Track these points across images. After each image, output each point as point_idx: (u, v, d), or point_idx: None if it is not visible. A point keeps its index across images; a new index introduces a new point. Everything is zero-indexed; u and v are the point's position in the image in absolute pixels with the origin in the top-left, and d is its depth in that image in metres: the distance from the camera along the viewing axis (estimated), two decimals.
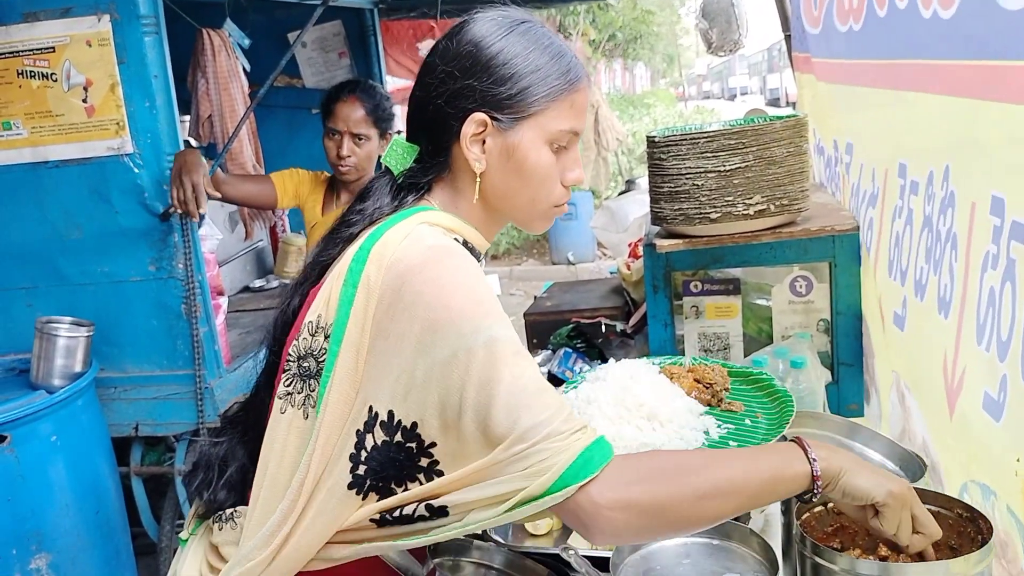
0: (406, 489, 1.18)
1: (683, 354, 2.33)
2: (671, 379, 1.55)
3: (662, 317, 2.34)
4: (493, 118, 1.25)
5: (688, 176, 2.07)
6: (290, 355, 1.25)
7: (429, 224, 1.25)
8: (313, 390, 1.21)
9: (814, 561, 1.16)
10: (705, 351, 2.32)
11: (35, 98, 2.82)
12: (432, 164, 1.31)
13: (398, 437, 1.16)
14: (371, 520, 1.19)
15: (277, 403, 1.25)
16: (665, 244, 2.17)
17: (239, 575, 1.21)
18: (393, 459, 1.17)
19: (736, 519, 1.43)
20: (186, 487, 1.40)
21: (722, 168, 2.04)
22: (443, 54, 1.28)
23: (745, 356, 2.25)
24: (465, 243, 1.30)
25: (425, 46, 5.40)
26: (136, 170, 2.79)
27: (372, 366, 1.17)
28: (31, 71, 2.80)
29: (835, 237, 2.14)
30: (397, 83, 5.82)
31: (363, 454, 1.18)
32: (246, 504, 1.28)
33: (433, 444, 1.15)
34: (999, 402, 1.32)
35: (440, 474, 1.16)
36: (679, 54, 30.39)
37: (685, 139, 2.07)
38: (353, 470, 1.18)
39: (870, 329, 2.15)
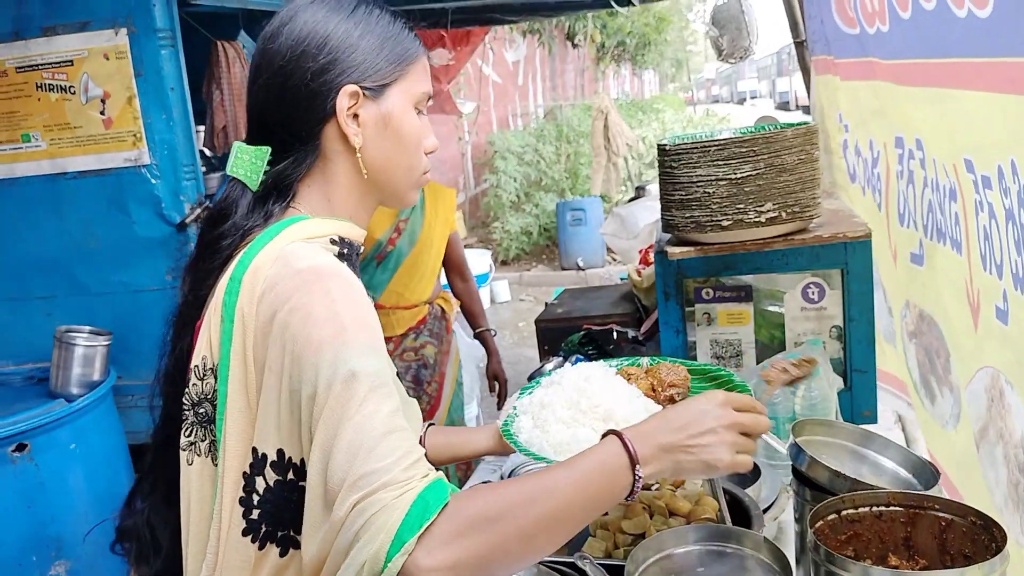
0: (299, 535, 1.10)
1: (696, 360, 2.34)
2: (628, 380, 1.53)
3: (674, 324, 2.35)
4: (363, 88, 1.22)
5: (699, 184, 2.09)
6: (184, 404, 1.19)
7: (302, 239, 1.18)
8: (215, 435, 1.15)
9: (828, 569, 1.18)
10: (717, 358, 2.34)
11: (54, 111, 2.86)
12: (303, 154, 1.23)
13: (290, 475, 1.11)
14: None
15: (183, 455, 1.19)
16: (676, 251, 2.19)
17: None
18: (287, 500, 1.11)
19: (747, 526, 1.45)
20: (125, 558, 1.33)
21: (733, 176, 2.06)
22: (288, 36, 1.22)
23: (757, 363, 2.26)
24: (342, 241, 1.25)
25: (435, 55, 5.44)
26: (153, 181, 2.82)
27: (261, 404, 1.11)
28: (50, 84, 2.84)
29: (847, 244, 2.15)
30: None
31: (255, 498, 1.12)
32: None
33: None
34: None
35: None
36: (688, 59, 30.37)
37: (696, 147, 2.08)
38: (246, 515, 1.13)
39: (942, 327, 2.13)
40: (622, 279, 4.15)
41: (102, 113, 2.81)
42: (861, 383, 2.23)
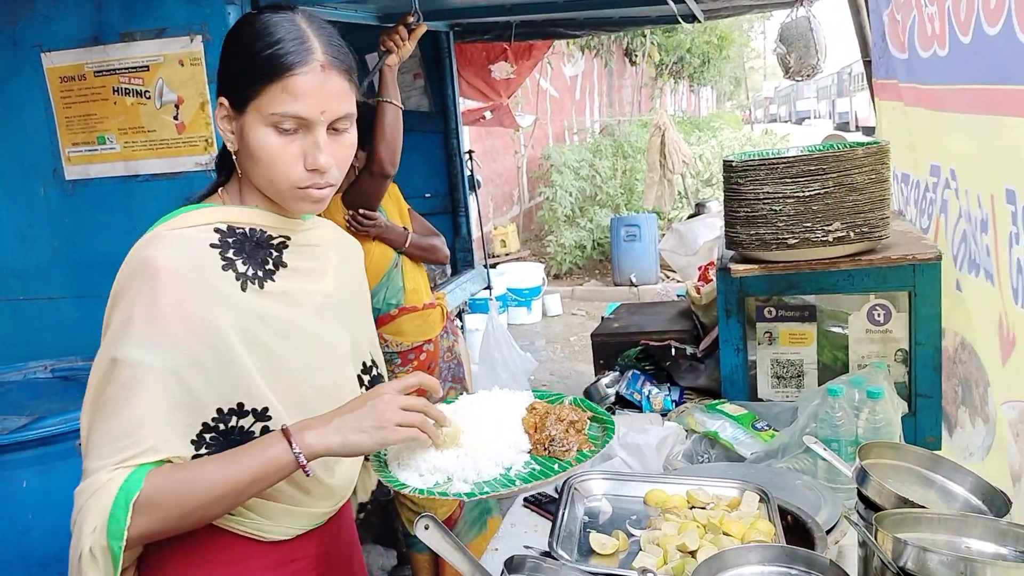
0: None
1: (756, 380, 2.32)
2: (529, 412, 1.45)
3: (734, 342, 2.33)
4: (231, 102, 1.33)
5: (766, 201, 2.07)
6: None
7: (180, 227, 1.33)
8: None
9: None
10: (778, 378, 2.31)
11: (129, 114, 2.94)
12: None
13: None
14: None
15: None
16: (740, 269, 2.17)
17: None
18: None
19: (811, 548, 1.43)
20: None
21: (801, 194, 2.04)
22: None
23: (819, 384, 2.23)
24: (230, 229, 1.36)
25: (497, 68, 5.47)
26: None
27: None
28: (126, 88, 2.92)
29: (916, 266, 2.11)
30: (468, 104, 5.90)
31: None
32: None
33: None
34: None
35: None
36: (746, 77, 30.14)
37: (764, 164, 2.07)
38: None
39: (981, 357, 2.09)
40: (679, 296, 4.12)
41: (175, 118, 2.88)
42: (926, 408, 2.19)
